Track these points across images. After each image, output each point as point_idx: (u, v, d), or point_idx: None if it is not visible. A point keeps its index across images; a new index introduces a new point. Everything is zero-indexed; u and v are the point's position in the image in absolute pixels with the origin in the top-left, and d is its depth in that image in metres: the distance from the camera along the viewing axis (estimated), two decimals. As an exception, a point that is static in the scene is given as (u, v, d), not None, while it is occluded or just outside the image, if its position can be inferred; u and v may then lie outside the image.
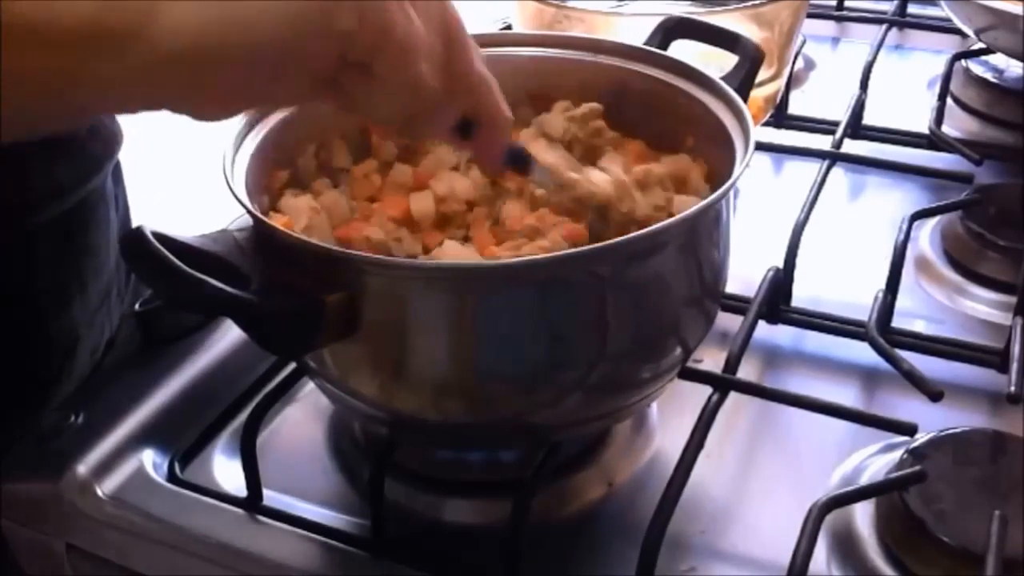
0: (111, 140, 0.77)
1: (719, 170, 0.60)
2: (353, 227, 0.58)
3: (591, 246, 0.53)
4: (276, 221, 0.56)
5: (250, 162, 0.58)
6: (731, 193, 0.56)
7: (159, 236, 0.49)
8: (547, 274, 0.52)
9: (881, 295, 0.71)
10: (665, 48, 0.68)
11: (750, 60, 0.67)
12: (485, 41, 0.63)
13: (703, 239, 0.57)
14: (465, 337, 0.52)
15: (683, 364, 0.60)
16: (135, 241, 0.49)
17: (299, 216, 0.57)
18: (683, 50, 0.68)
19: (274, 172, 0.61)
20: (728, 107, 0.61)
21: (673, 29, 0.69)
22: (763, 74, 0.83)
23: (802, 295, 0.74)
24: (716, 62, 0.67)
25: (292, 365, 0.66)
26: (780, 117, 0.94)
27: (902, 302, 0.72)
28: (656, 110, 0.65)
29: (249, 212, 0.53)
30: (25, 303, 0.71)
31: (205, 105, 0.45)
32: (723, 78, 0.64)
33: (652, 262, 0.54)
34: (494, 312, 0.52)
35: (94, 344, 0.74)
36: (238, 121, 0.59)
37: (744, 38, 0.67)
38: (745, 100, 0.63)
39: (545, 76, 0.68)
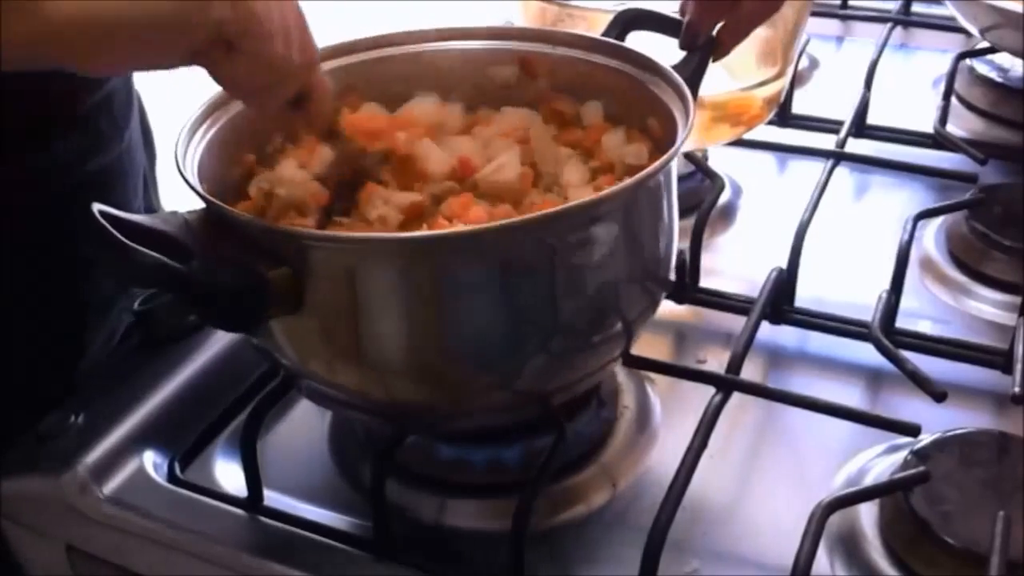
0: (121, 118, 0.78)
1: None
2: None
3: (532, 215, 0.53)
4: (239, 206, 0.58)
5: (208, 150, 0.59)
6: (673, 172, 0.56)
7: (106, 215, 0.51)
8: (485, 244, 0.52)
9: (885, 295, 0.70)
10: (623, 39, 0.69)
11: (702, 49, 0.67)
12: (434, 36, 0.68)
13: (642, 212, 0.57)
14: (417, 309, 0.53)
15: (630, 332, 0.59)
16: None
17: (294, 186, 0.59)
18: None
19: (240, 156, 0.62)
20: (675, 93, 0.61)
21: (631, 20, 0.70)
22: (766, 73, 0.84)
23: (806, 295, 0.74)
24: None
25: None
26: (784, 116, 0.94)
27: (906, 302, 0.72)
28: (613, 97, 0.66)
29: (197, 192, 0.54)
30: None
31: (100, 67, 0.53)
32: (675, 67, 0.64)
33: (587, 230, 0.54)
34: (435, 282, 0.52)
35: (110, 331, 0.74)
36: (194, 110, 0.60)
37: None
38: (696, 88, 0.65)
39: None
